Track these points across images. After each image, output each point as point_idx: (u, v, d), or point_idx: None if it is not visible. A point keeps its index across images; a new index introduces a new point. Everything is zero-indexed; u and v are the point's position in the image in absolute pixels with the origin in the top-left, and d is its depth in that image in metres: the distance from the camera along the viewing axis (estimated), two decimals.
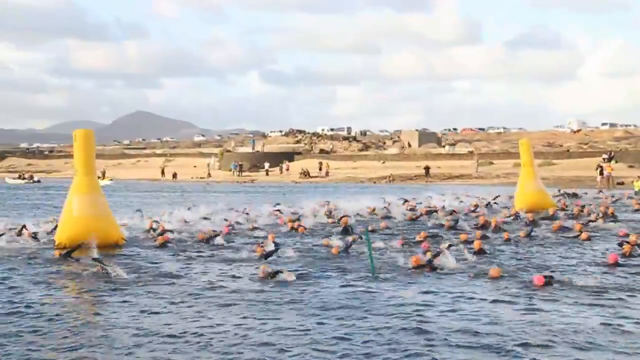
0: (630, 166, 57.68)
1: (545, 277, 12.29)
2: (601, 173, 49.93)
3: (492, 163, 69.37)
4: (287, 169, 74.06)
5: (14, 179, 70.81)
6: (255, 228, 21.66)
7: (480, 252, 15.89)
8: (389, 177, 63.54)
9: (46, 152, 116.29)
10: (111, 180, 65.12)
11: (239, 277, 13.45)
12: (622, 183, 47.97)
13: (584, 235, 18.75)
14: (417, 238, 18.46)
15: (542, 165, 60.48)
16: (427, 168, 64.46)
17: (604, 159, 60.73)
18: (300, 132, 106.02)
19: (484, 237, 18.20)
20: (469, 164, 67.82)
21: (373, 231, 20.37)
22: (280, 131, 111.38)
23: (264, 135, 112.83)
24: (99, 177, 23.92)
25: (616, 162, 59.22)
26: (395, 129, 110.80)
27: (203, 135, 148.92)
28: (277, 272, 13.15)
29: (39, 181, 68.15)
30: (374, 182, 61.69)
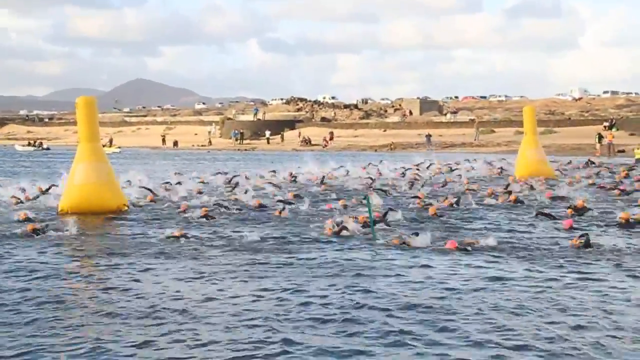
0: (632, 134, 57.54)
1: (458, 242, 13.03)
2: (600, 140, 49.88)
3: (493, 131, 69.23)
4: (299, 136, 73.17)
5: (23, 145, 71.20)
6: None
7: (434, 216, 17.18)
8: (390, 145, 63.50)
9: (46, 120, 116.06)
10: (119, 148, 65.21)
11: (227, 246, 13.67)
12: (623, 151, 47.93)
13: (512, 197, 20.11)
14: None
15: (544, 133, 60.31)
16: (428, 136, 64.31)
17: (605, 126, 60.55)
18: (301, 100, 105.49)
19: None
20: (471, 131, 67.70)
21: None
22: (282, 99, 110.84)
23: (265, 103, 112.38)
24: (105, 145, 24.08)
25: (617, 129, 59.06)
26: (397, 97, 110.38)
27: (204, 103, 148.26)
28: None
29: (48, 148, 68.48)
30: (375, 150, 61.66)
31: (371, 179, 28.10)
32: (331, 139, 70.01)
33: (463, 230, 15.53)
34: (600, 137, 50.61)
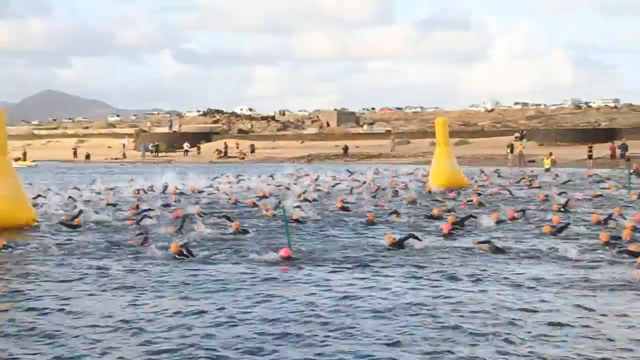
0: (541, 144, 59.43)
1: (290, 251, 13.24)
2: (512, 151, 51.29)
3: (409, 142, 70.35)
4: (237, 146, 71.34)
5: None
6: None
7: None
8: (308, 156, 63.59)
9: None
10: (34, 162, 62.84)
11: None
12: (533, 161, 49.35)
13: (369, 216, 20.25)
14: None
15: (458, 144, 61.68)
16: (345, 147, 64.79)
17: (516, 137, 62.42)
18: (218, 112, 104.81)
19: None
20: (387, 142, 68.58)
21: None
22: (198, 111, 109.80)
23: (181, 115, 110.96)
24: (18, 159, 23.44)
25: (527, 140, 60.95)
26: (314, 108, 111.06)
27: (117, 116, 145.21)
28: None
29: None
30: (293, 162, 61.58)
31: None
32: (252, 151, 69.40)
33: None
34: (512, 147, 52.02)
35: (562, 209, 20.23)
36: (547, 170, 40.88)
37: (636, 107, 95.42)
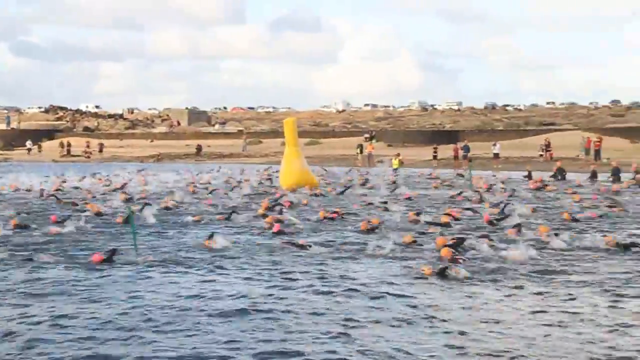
0: (389, 145, 60.99)
1: (104, 254, 12.50)
2: (361, 151, 52.20)
3: (261, 142, 70.15)
4: (100, 151, 67.25)
5: None
6: None
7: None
8: (157, 155, 61.77)
9: None
10: None
11: None
12: (382, 161, 50.43)
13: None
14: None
15: (309, 144, 62.11)
16: (199, 147, 63.62)
17: (365, 138, 63.68)
18: (61, 108, 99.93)
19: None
20: (239, 142, 68.09)
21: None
22: (40, 107, 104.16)
23: (20, 112, 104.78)
24: None
25: (376, 141, 62.34)
26: (165, 107, 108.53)
27: None
28: None
29: None
30: (142, 161, 59.55)
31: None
32: (101, 150, 66.44)
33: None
34: (362, 148, 52.88)
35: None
36: (396, 170, 41.78)
37: (477, 110, 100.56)
